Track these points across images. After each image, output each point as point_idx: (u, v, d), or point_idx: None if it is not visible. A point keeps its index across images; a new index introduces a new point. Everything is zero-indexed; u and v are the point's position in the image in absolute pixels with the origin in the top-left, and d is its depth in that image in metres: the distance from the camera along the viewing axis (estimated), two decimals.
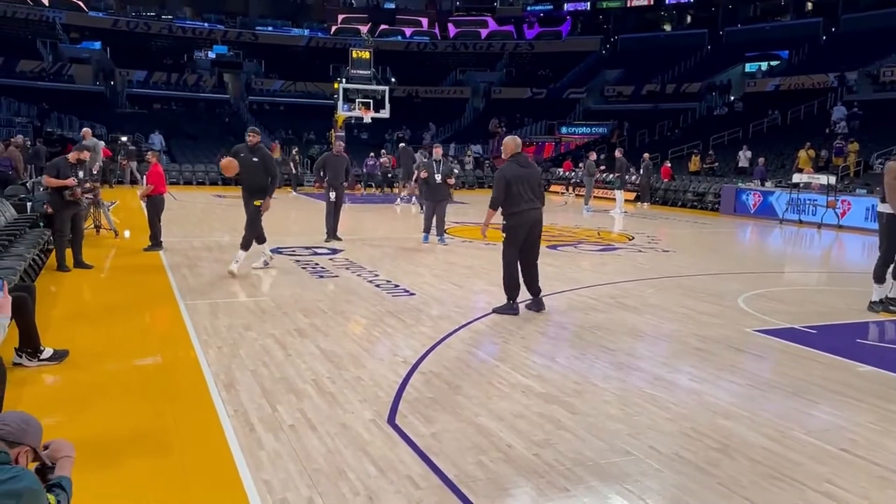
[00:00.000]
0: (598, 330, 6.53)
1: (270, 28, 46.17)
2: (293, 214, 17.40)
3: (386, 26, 48.83)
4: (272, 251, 9.71)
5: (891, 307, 7.36)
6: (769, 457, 3.83)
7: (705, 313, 7.29)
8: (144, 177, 11.18)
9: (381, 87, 25.45)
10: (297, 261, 9.94)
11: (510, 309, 7.05)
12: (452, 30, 49.42)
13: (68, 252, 8.82)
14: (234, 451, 3.76)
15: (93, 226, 11.96)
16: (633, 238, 13.69)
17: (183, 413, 4.34)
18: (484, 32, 48.72)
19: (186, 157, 29.53)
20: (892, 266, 7.32)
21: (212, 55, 41.15)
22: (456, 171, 14.58)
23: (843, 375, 5.29)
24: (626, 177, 21.04)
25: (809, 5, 39.61)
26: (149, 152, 12.55)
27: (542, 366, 5.45)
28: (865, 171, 21.06)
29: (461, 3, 50.51)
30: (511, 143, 7.25)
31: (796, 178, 18.19)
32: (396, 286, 8.30)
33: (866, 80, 28.48)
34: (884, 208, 7.32)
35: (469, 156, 32.37)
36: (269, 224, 9.30)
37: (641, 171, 22.55)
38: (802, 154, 21.71)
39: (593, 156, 21.47)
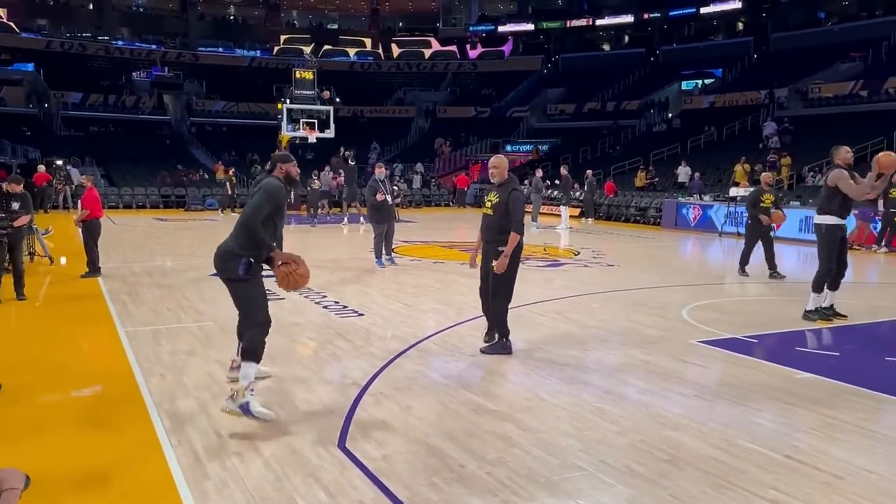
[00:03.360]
0: (547, 345, 6.57)
1: (212, 49, 45.63)
2: None
3: (329, 46, 48.83)
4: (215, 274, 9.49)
5: (827, 315, 7.62)
6: (717, 466, 3.89)
7: (650, 326, 7.41)
8: (79, 201, 10.80)
9: (325, 108, 25.33)
10: None
11: (506, 348, 6.26)
12: (396, 50, 49.74)
13: (6, 282, 8.45)
14: (179, 482, 3.63)
15: (27, 253, 11.50)
16: (579, 253, 13.89)
17: (123, 445, 4.17)
18: (427, 52, 49.18)
19: (125, 180, 28.77)
20: (830, 276, 7.55)
21: (151, 76, 40.37)
22: (396, 188, 14.40)
23: (784, 383, 5.44)
24: (571, 193, 21.39)
25: (740, 25, 41.24)
26: (83, 175, 12.18)
27: (493, 383, 5.45)
28: (798, 184, 21.87)
29: (404, 23, 50.98)
30: (506, 161, 6.44)
31: (733, 191, 18.77)
32: (345, 307, 8.21)
33: (796, 96, 29.70)
34: (821, 220, 7.53)
35: (415, 174, 32.46)
36: (210, 243, 9.10)
37: (585, 188, 22.96)
38: (738, 168, 22.43)
39: (540, 173, 21.78)
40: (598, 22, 44.77)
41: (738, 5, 39.29)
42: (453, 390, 5.20)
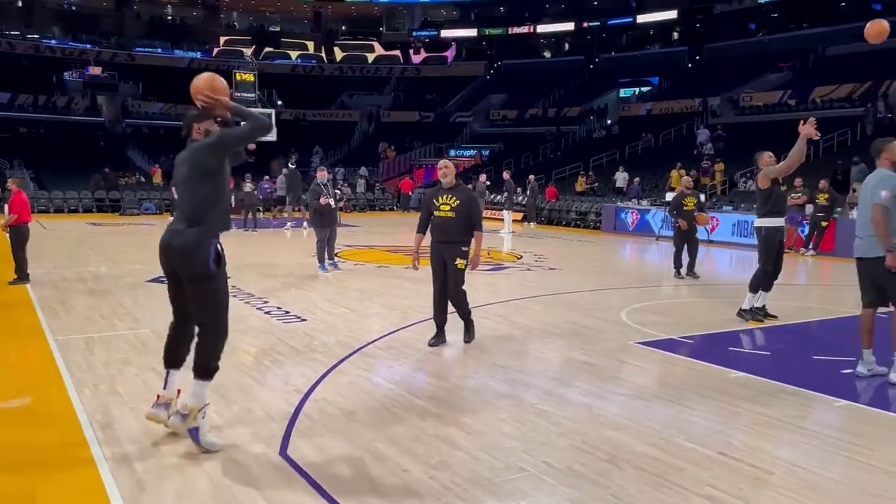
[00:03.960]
0: (491, 348, 6.62)
1: (149, 49, 44.45)
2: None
3: (271, 49, 48.13)
4: (153, 280, 9.25)
5: (758, 316, 7.89)
6: (655, 465, 3.99)
7: (591, 328, 7.55)
8: (6, 205, 10.36)
9: (267, 110, 24.97)
10: None
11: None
12: (339, 53, 49.39)
13: None
14: (113, 496, 3.52)
15: None
16: (522, 257, 14.05)
17: (53, 459, 4.01)
18: (371, 57, 49.00)
19: (57, 184, 27.72)
20: (765, 278, 7.83)
21: (84, 76, 39.02)
22: (339, 192, 14.14)
23: (718, 382, 5.61)
24: (514, 197, 21.61)
25: (676, 35, 42.44)
26: (9, 179, 11.69)
27: (437, 387, 5.46)
28: (731, 189, 22.62)
29: (347, 27, 50.66)
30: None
31: (669, 196, 19.28)
32: (287, 313, 8.10)
33: (728, 104, 30.73)
34: (761, 223, 7.78)
35: (359, 178, 32.28)
36: (148, 248, 8.86)
37: (528, 192, 23.24)
38: (674, 174, 23.04)
39: (483, 178, 21.92)
40: (539, 29, 45.44)
41: (674, 15, 40.44)
42: (397, 395, 5.19)
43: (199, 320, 4.10)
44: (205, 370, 4.08)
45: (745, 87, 31.27)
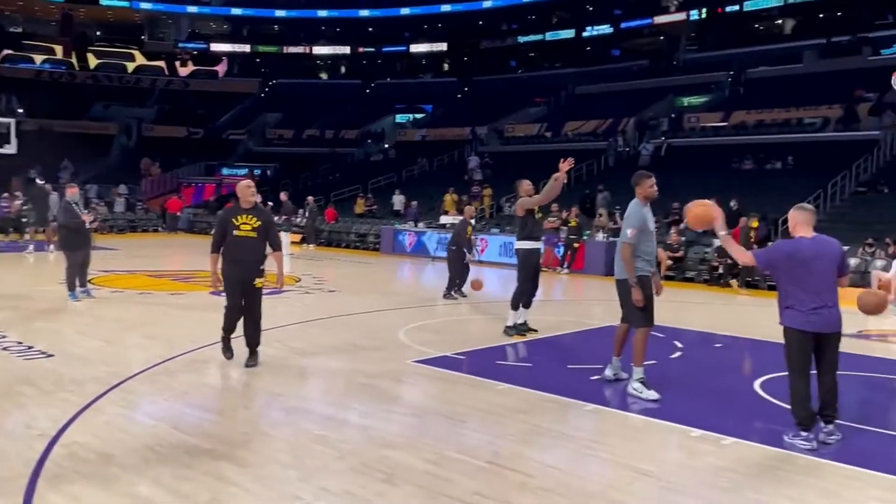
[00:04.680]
0: (267, 375, 6.42)
1: None
2: None
3: (11, 51, 42.92)
4: None
5: (521, 330, 8.52)
6: (429, 479, 4.12)
7: (370, 349, 7.63)
8: None
9: (4, 120, 22.13)
10: None
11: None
12: (94, 60, 45.33)
13: None
14: None
15: None
16: (301, 280, 13.83)
17: None
18: (131, 66, 45.62)
19: None
20: (525, 296, 8.47)
21: None
22: (91, 211, 12.74)
23: (487, 395, 5.96)
24: (293, 219, 21.25)
25: (446, 66, 44.80)
26: None
27: (208, 420, 5.17)
28: (498, 213, 24.24)
29: (103, 33, 46.58)
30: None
31: (443, 219, 20.22)
32: (30, 348, 7.18)
33: (494, 134, 33.02)
34: (519, 245, 8.43)
35: (118, 196, 29.64)
36: None
37: (307, 214, 22.99)
38: (447, 198, 24.19)
39: (284, 196, 21.30)
40: (316, 50, 45.45)
41: (444, 47, 42.70)
42: (163, 432, 4.83)
43: None
44: None
45: (509, 119, 33.84)
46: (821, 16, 32.75)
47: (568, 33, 38.29)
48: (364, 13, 42.98)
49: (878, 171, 20.13)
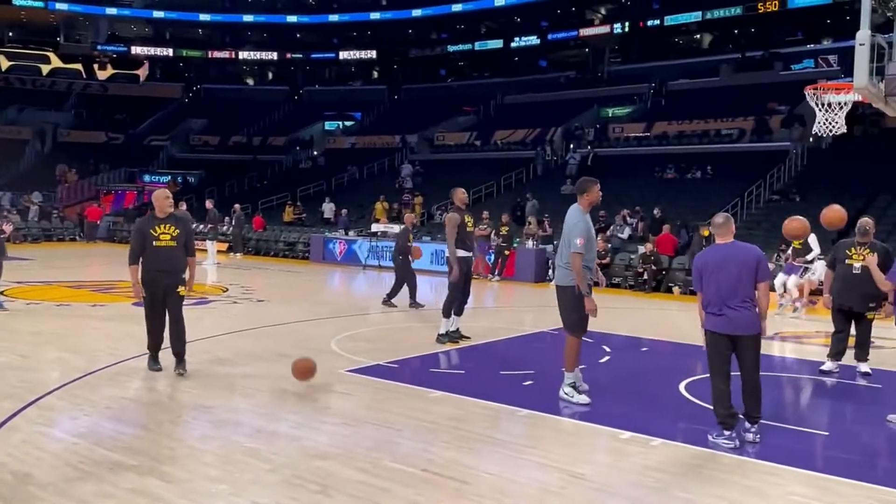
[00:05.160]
0: (195, 388, 6.23)
1: None
2: None
3: None
4: None
5: (454, 338, 8.56)
6: (364, 489, 4.08)
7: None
8: None
9: None
10: None
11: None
12: (5, 62, 43.17)
13: None
14: None
15: None
16: (228, 289, 13.51)
17: None
18: (46, 69, 43.65)
19: None
20: (456, 303, 8.52)
21: None
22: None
23: (421, 402, 5.96)
24: (218, 227, 20.73)
25: (376, 73, 44.69)
26: None
27: (133, 436, 4.98)
28: (429, 221, 24.30)
29: (16, 34, 44.40)
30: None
31: (374, 227, 20.11)
32: None
33: (424, 142, 33.12)
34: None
35: (31, 204, 28.25)
36: None
37: (233, 222, 22.47)
38: (378, 206, 24.11)
39: (210, 204, 20.65)
40: (242, 55, 44.52)
41: (373, 55, 42.59)
42: (84, 449, 4.62)
43: None
44: None
45: (439, 128, 34.02)
46: (736, 31, 34.31)
47: (496, 43, 38.81)
48: (292, 19, 42.39)
49: (790, 180, 21.19)
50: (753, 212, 19.76)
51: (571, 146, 27.73)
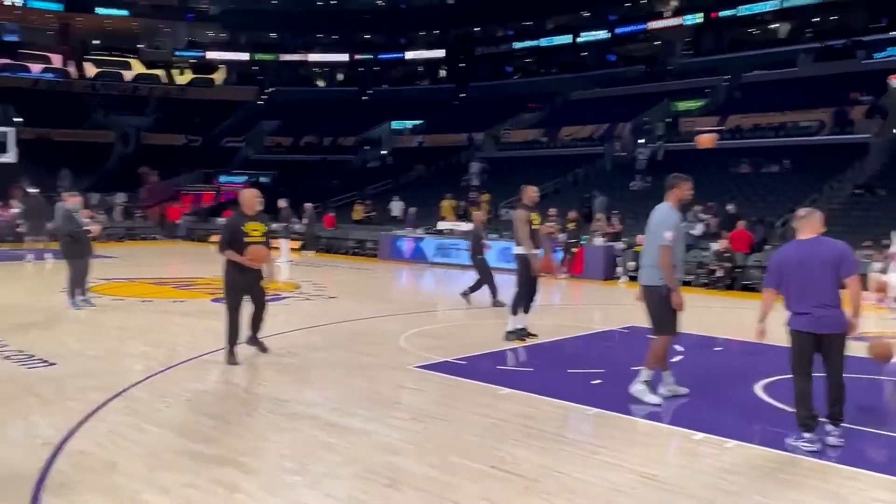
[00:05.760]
0: (269, 382, 6.43)
1: None
2: None
3: (8, 60, 42.92)
4: None
5: (521, 335, 8.54)
6: (433, 484, 4.13)
7: (371, 355, 7.65)
8: None
9: (3, 129, 22.16)
10: None
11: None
12: (92, 69, 45.34)
13: None
14: None
15: None
16: (300, 286, 13.84)
17: None
18: (129, 74, 45.62)
19: None
20: (524, 301, 8.49)
21: None
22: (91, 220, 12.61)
23: (490, 399, 5.97)
24: (291, 226, 21.24)
25: (443, 72, 44.89)
26: None
27: (212, 427, 5.18)
28: (495, 218, 24.26)
29: (101, 41, 46.61)
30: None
31: (441, 225, 20.24)
32: (31, 356, 7.18)
33: (491, 139, 33.07)
34: (517, 251, 8.48)
35: (116, 205, 29.63)
36: None
37: (306, 221, 22.98)
38: (445, 204, 24.21)
39: (283, 203, 21.21)
40: (312, 58, 45.51)
41: (441, 54, 42.80)
42: (167, 439, 4.84)
43: None
44: None
45: (505, 125, 33.90)
46: (815, 20, 32.91)
47: (564, 39, 38.38)
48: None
49: (875, 174, 20.21)
50: (835, 206, 18.94)
51: (642, 141, 27.18)
